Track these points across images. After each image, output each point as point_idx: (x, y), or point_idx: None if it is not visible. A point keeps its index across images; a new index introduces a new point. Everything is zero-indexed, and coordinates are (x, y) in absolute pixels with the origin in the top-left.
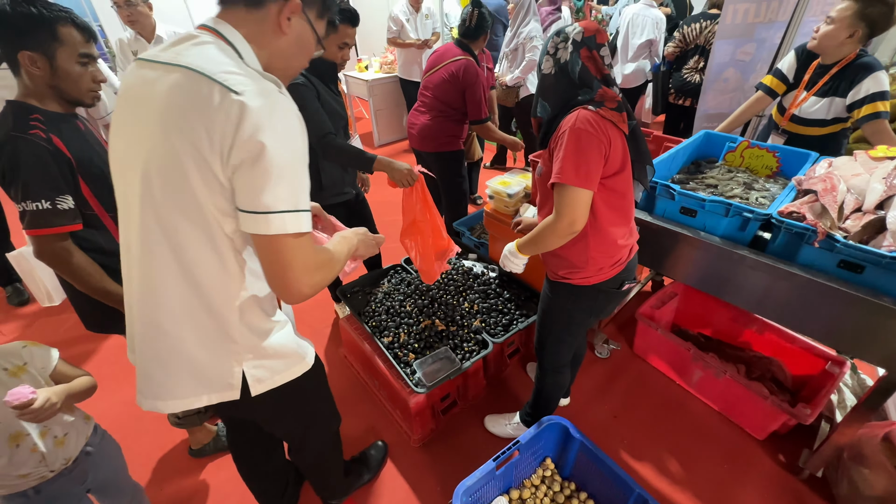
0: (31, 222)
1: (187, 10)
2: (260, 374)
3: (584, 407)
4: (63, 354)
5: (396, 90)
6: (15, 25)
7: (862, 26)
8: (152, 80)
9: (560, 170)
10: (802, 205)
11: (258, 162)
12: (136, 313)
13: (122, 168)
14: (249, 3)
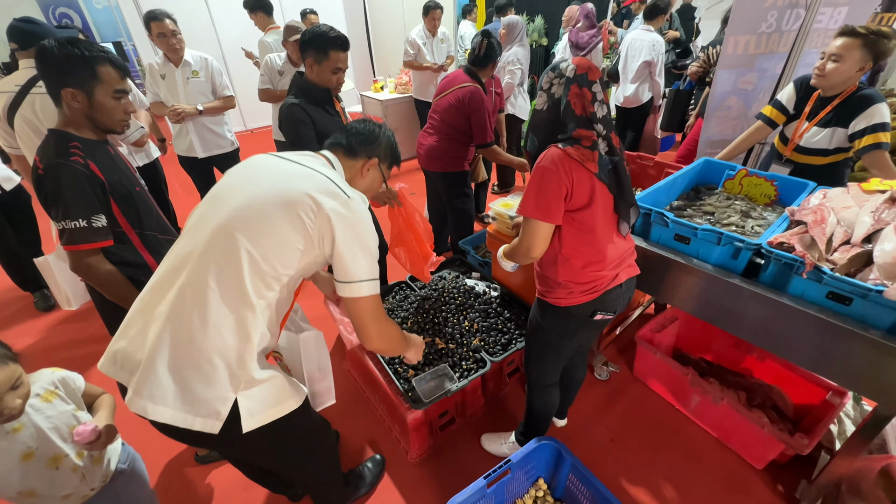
0: (70, 239)
1: (215, 33)
2: (252, 406)
3: (581, 428)
4: (79, 358)
5: (410, 110)
6: (60, 65)
7: (869, 60)
8: (276, 161)
9: (523, 202)
10: (792, 236)
11: (338, 249)
12: (161, 327)
13: (204, 219)
14: (348, 153)
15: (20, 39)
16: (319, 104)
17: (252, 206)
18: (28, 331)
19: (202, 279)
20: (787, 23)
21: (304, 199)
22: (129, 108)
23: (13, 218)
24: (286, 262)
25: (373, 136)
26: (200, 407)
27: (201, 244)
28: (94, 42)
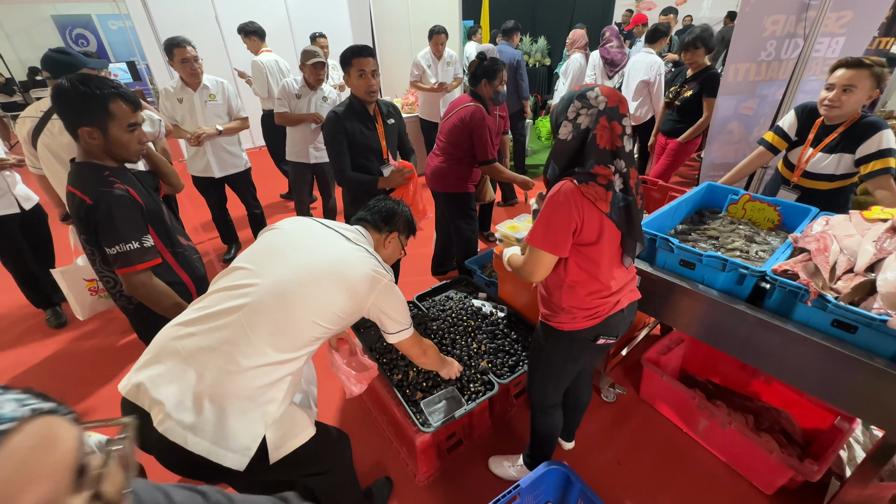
0: (125, 262)
1: (226, 53)
2: (277, 440)
3: (588, 451)
4: (88, 375)
5: (416, 130)
6: (75, 104)
7: (876, 88)
8: (329, 234)
9: (532, 231)
10: (796, 263)
11: (385, 313)
12: (205, 363)
13: (261, 267)
14: (374, 228)
15: (53, 69)
16: (359, 118)
17: (313, 272)
18: (37, 348)
19: (253, 326)
20: (785, 51)
21: (363, 282)
22: (143, 138)
23: (31, 236)
24: (332, 324)
25: (392, 213)
26: (233, 442)
27: (259, 295)
28: (104, 79)
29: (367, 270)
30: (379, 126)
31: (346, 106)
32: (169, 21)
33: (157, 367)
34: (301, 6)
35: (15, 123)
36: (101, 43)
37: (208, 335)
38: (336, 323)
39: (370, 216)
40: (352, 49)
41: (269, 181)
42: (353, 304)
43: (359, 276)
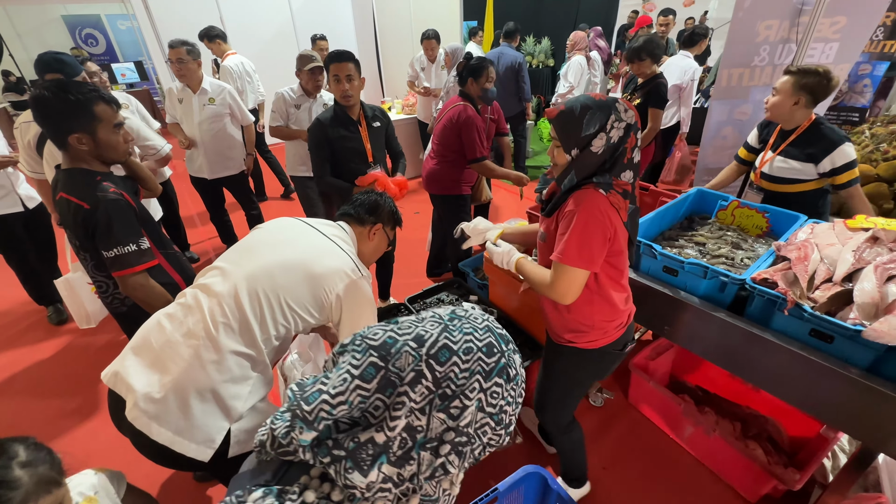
0: (123, 263)
1: None
2: (241, 437)
3: None
4: (88, 371)
5: (415, 131)
6: (60, 112)
7: (803, 95)
8: (306, 229)
9: (564, 250)
10: (776, 272)
11: (347, 313)
12: (174, 355)
13: (234, 265)
14: (357, 222)
15: (67, 69)
16: (342, 123)
17: (282, 267)
18: (41, 344)
19: (221, 321)
20: (779, 57)
21: (330, 277)
22: (128, 136)
23: (35, 234)
24: (296, 321)
25: (375, 205)
26: (197, 434)
27: (226, 290)
28: (81, 83)
29: (335, 264)
30: (363, 130)
31: (331, 112)
32: (173, 22)
33: (132, 359)
34: (305, 7)
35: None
36: (109, 42)
37: (177, 330)
38: (300, 320)
39: (353, 210)
40: (330, 54)
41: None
42: (316, 297)
43: (326, 270)
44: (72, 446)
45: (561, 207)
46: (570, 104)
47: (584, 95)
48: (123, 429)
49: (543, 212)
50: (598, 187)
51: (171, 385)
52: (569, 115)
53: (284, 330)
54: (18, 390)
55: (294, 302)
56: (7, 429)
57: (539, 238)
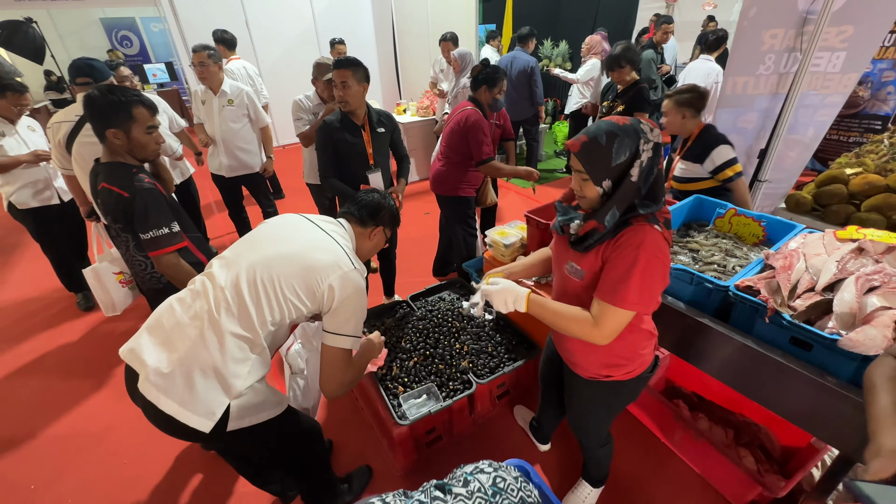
0: (157, 245)
1: (254, 54)
2: (239, 412)
3: (562, 455)
4: (110, 356)
5: (430, 133)
6: (103, 111)
7: (686, 110)
8: (307, 225)
9: (623, 293)
10: (760, 280)
11: (336, 304)
12: (182, 335)
13: (239, 256)
14: (358, 222)
15: (96, 74)
16: (346, 127)
17: (280, 258)
18: (67, 328)
19: (223, 306)
20: (785, 65)
21: (323, 269)
22: (159, 139)
23: (68, 225)
24: (290, 309)
25: (377, 207)
26: (199, 406)
27: (231, 278)
28: (127, 88)
29: (329, 258)
30: (366, 134)
31: (338, 115)
32: (200, 25)
33: (146, 337)
34: (327, 11)
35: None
36: (143, 44)
37: (185, 313)
38: (293, 308)
39: (356, 210)
40: (334, 61)
41: (291, 179)
42: (309, 287)
43: (319, 262)
44: (92, 419)
45: (607, 244)
46: (592, 133)
47: (604, 122)
48: (136, 399)
49: (578, 247)
50: (650, 222)
51: (178, 362)
52: (594, 144)
53: (279, 316)
54: (47, 369)
55: (288, 290)
56: (36, 404)
57: (572, 274)
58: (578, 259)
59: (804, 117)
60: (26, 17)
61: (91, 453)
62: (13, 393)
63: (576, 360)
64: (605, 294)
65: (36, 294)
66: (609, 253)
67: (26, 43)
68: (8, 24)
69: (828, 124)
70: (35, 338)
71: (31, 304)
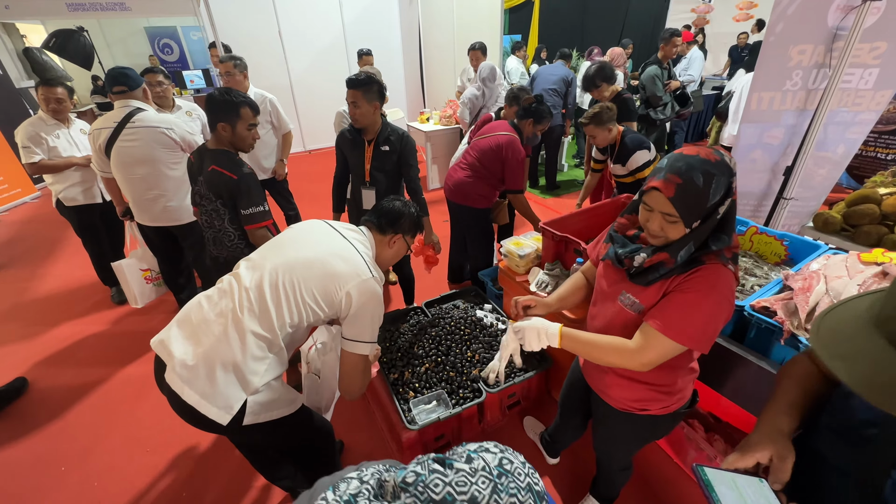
0: (255, 219)
1: (286, 64)
2: (255, 408)
3: (571, 468)
4: (137, 348)
5: (451, 142)
6: (218, 107)
7: (608, 125)
8: (329, 232)
9: (682, 329)
10: (777, 301)
11: (353, 311)
12: (207, 331)
13: (264, 259)
14: (378, 230)
15: (129, 82)
16: (353, 140)
17: (302, 264)
18: (100, 319)
19: (246, 306)
20: (813, 81)
21: (342, 276)
22: (256, 135)
23: (108, 223)
24: (308, 313)
25: (399, 215)
26: (219, 399)
27: (255, 280)
28: (238, 91)
29: (348, 266)
30: (368, 150)
31: (352, 127)
32: (235, 34)
33: (175, 330)
34: (356, 21)
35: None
36: (182, 52)
37: (212, 310)
38: (311, 312)
39: (375, 218)
40: (347, 81)
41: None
42: (327, 292)
43: (339, 269)
44: (121, 406)
45: (676, 278)
46: (685, 173)
47: (693, 158)
48: (163, 388)
49: (639, 280)
50: (724, 262)
51: (202, 355)
52: (691, 187)
53: (298, 319)
54: (80, 356)
55: (307, 295)
56: (71, 389)
57: (628, 307)
58: (637, 292)
59: (834, 134)
60: (78, 26)
61: (115, 439)
62: (48, 376)
63: (610, 392)
64: (662, 323)
65: (75, 286)
66: (676, 286)
67: (77, 50)
68: (61, 32)
69: (859, 142)
70: (71, 326)
71: (71, 296)
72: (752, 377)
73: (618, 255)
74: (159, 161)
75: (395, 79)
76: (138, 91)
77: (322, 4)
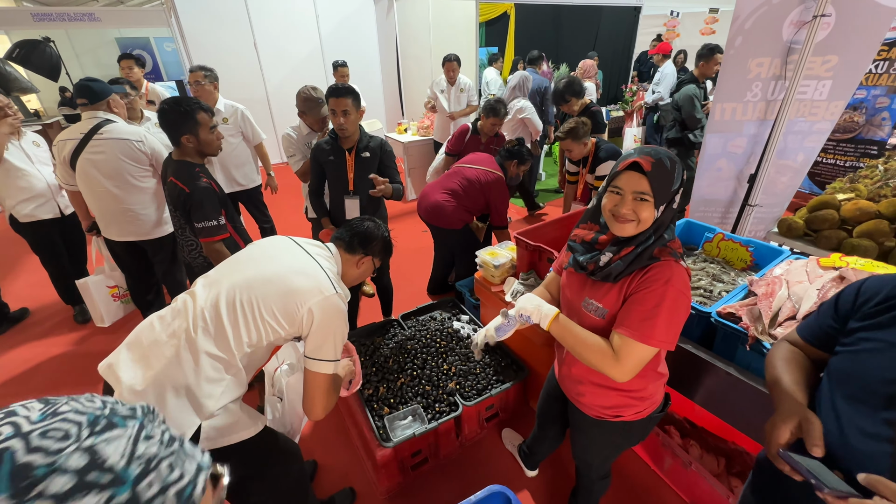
0: (207, 233)
1: (261, 74)
2: (211, 433)
3: (550, 480)
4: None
5: (430, 152)
6: (174, 121)
7: (584, 139)
8: (292, 247)
9: (651, 332)
10: (742, 307)
11: (315, 329)
12: (157, 353)
13: (222, 276)
14: (347, 249)
15: (90, 96)
16: (333, 150)
17: (262, 280)
18: (63, 341)
19: (200, 325)
20: (772, 93)
21: (303, 293)
22: (220, 136)
23: (70, 240)
24: (267, 331)
25: (370, 237)
26: (170, 426)
27: (211, 298)
28: (189, 98)
29: (311, 282)
30: (349, 159)
31: (329, 137)
32: (209, 46)
33: (124, 353)
34: (333, 33)
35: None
36: (156, 63)
37: (164, 331)
38: (271, 330)
39: (346, 236)
40: (329, 88)
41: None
42: (288, 310)
43: (300, 286)
44: None
45: (634, 276)
46: (656, 155)
47: (658, 147)
48: None
49: (601, 275)
50: (675, 257)
51: (151, 380)
52: (662, 167)
53: (256, 338)
54: (41, 379)
55: (266, 313)
56: None
57: (592, 313)
58: (600, 297)
59: (793, 143)
60: (44, 37)
61: None
62: (5, 402)
63: (585, 400)
64: (630, 329)
65: (34, 306)
66: (634, 288)
67: (43, 61)
68: (25, 42)
69: (817, 150)
70: (31, 348)
71: (31, 316)
72: (720, 383)
73: (579, 261)
74: (127, 173)
75: (373, 90)
76: (103, 103)
77: (298, 16)
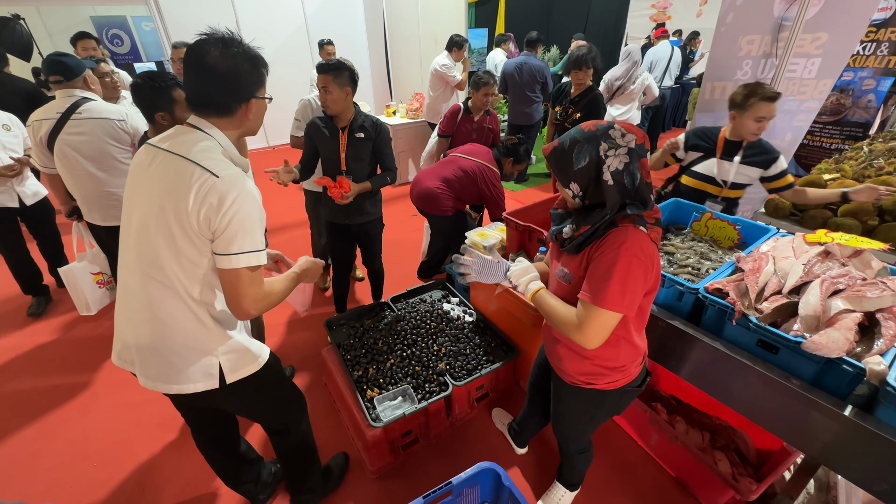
0: None
1: None
2: (231, 365)
3: (539, 458)
4: (86, 357)
5: (419, 135)
6: (148, 97)
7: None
8: (151, 160)
9: (604, 295)
10: (729, 283)
11: (230, 225)
12: (136, 316)
13: (129, 211)
14: (221, 111)
15: (65, 72)
16: (327, 128)
17: (155, 210)
18: (46, 328)
19: (153, 282)
20: (762, 71)
21: (189, 174)
22: None
23: (39, 229)
24: (193, 235)
25: (234, 80)
26: (194, 376)
27: (132, 256)
28: (165, 73)
29: (191, 168)
30: (342, 138)
31: (324, 115)
32: (190, 24)
33: (118, 343)
34: (318, 13)
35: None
36: (134, 43)
37: (134, 302)
38: (194, 234)
39: (206, 98)
40: (319, 66)
41: None
42: (186, 202)
43: (185, 174)
44: (64, 422)
45: (594, 244)
46: (562, 139)
47: (577, 128)
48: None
49: (568, 247)
50: (636, 223)
51: (151, 350)
52: (560, 150)
53: (193, 254)
54: (20, 369)
55: (176, 215)
56: (10, 403)
57: (561, 278)
58: (568, 262)
59: (782, 122)
60: (13, 14)
61: (59, 454)
62: None
63: (562, 365)
64: (587, 294)
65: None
66: (593, 253)
67: (13, 40)
68: None
69: (805, 129)
70: (15, 338)
71: (7, 304)
72: (707, 358)
73: (553, 231)
74: (110, 155)
75: (360, 72)
76: (78, 80)
77: None
